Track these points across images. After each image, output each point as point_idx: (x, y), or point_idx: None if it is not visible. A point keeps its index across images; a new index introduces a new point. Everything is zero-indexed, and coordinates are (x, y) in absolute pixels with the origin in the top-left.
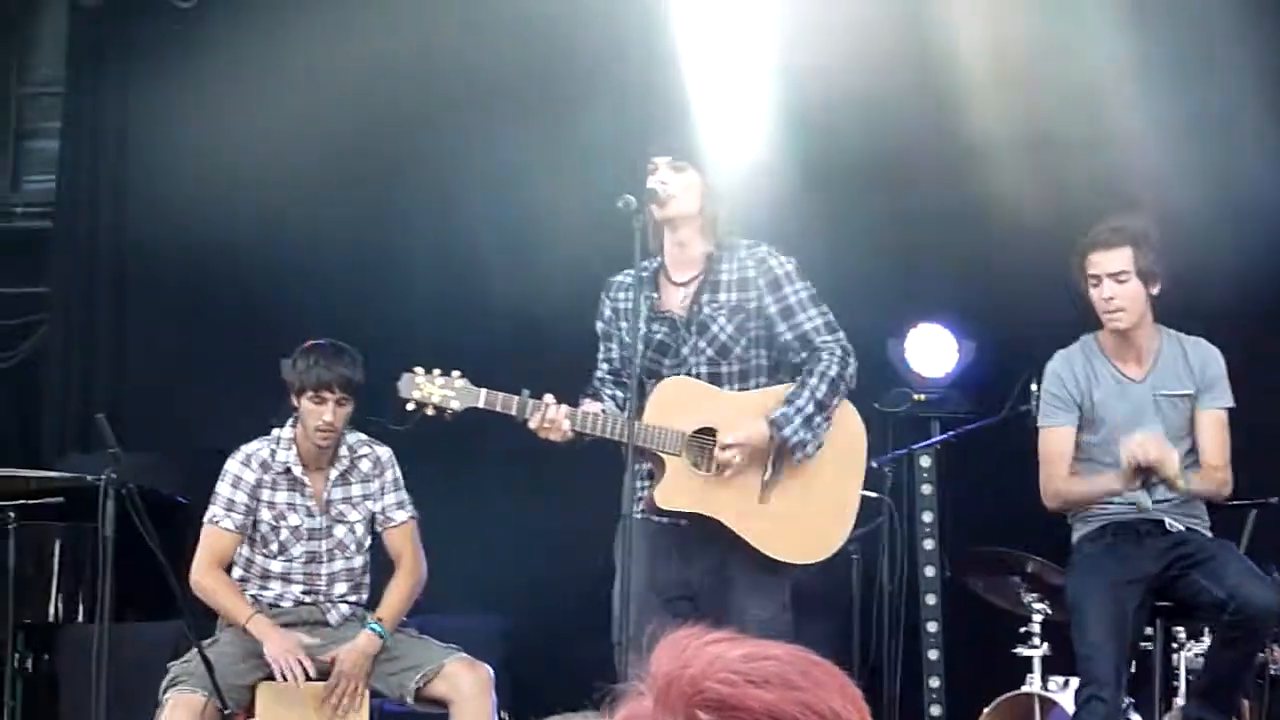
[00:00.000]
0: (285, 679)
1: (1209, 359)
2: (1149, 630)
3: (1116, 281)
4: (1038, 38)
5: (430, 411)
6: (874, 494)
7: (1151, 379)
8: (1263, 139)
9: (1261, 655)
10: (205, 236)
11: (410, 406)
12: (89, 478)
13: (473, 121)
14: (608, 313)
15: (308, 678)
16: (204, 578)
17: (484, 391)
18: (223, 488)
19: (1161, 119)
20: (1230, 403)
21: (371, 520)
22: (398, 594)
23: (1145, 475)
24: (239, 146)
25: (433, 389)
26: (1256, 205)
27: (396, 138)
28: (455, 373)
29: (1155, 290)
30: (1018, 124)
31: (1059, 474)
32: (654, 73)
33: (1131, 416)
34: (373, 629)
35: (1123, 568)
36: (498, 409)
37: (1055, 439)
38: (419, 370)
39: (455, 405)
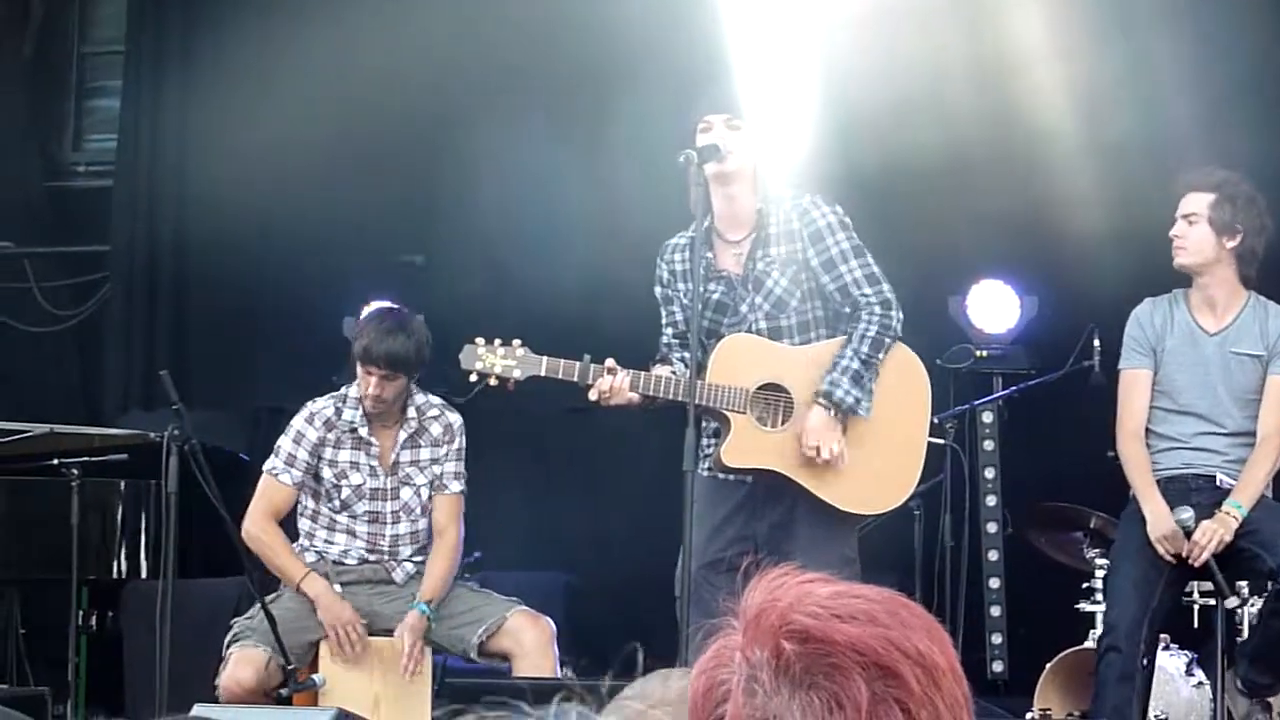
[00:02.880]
0: (341, 649)
1: None
2: (1233, 603)
3: (1187, 222)
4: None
5: (493, 382)
6: (940, 440)
7: (1225, 334)
8: None
9: None
10: (264, 197)
11: (473, 377)
12: (152, 434)
13: (493, 118)
14: (665, 276)
15: (363, 645)
16: (259, 530)
17: (545, 359)
18: (285, 441)
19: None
20: None
21: (432, 483)
22: (440, 570)
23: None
24: (295, 112)
25: (494, 359)
26: None
27: (439, 120)
28: (516, 341)
29: (1232, 244)
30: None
31: (1127, 422)
32: (697, 71)
33: (1199, 367)
34: (421, 610)
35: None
36: (559, 376)
37: (1128, 381)
38: (480, 341)
39: (518, 374)
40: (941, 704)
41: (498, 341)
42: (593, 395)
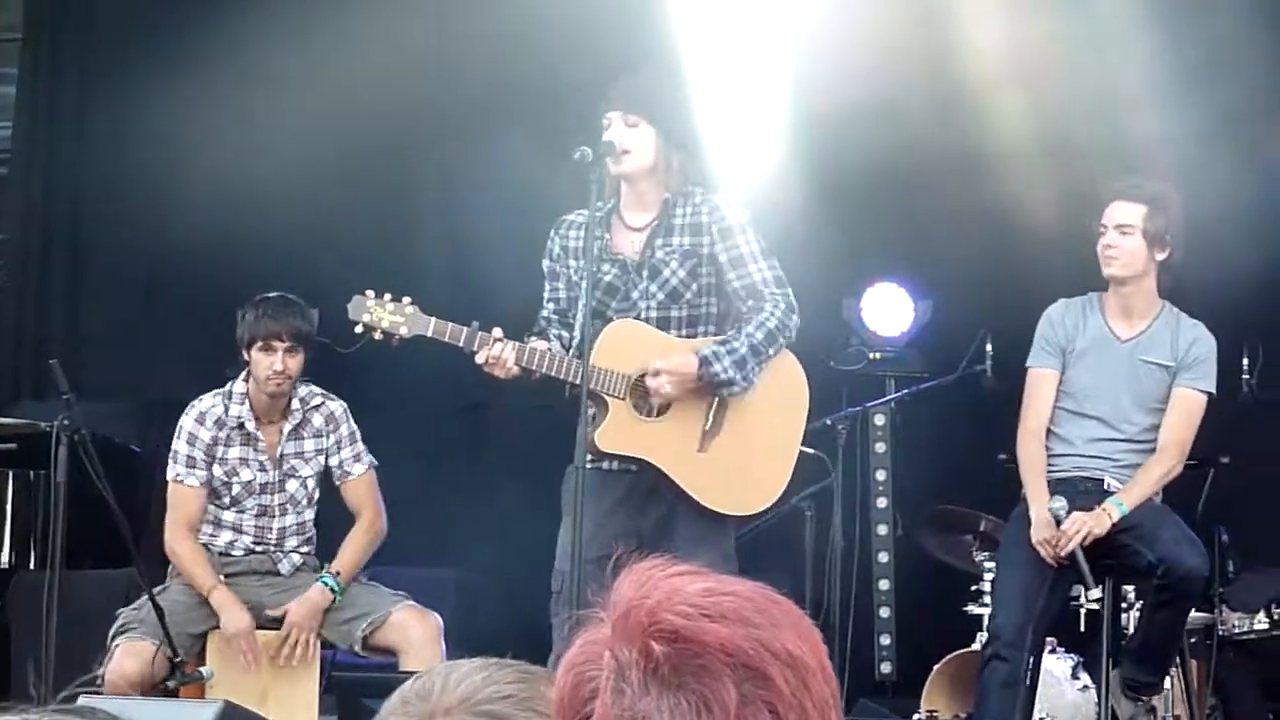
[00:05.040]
0: (240, 660)
1: (1199, 339)
2: (1096, 591)
3: (1120, 233)
4: (1053, 41)
5: (378, 335)
6: (812, 450)
7: (1137, 342)
8: None
9: (1209, 616)
10: (165, 184)
11: (359, 329)
12: (42, 424)
13: (475, 125)
14: (556, 250)
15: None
16: (179, 545)
17: (433, 320)
18: (180, 445)
19: (1178, 122)
20: (1209, 388)
21: (325, 474)
22: (356, 546)
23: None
24: (203, 98)
25: (382, 313)
26: (1275, 207)
27: (369, 141)
28: (406, 299)
29: (1161, 256)
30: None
31: (1029, 420)
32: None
33: (1106, 371)
34: (325, 582)
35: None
36: (445, 339)
37: (1034, 379)
38: (370, 293)
39: (403, 331)
40: (810, 704)
41: (388, 296)
42: (480, 359)
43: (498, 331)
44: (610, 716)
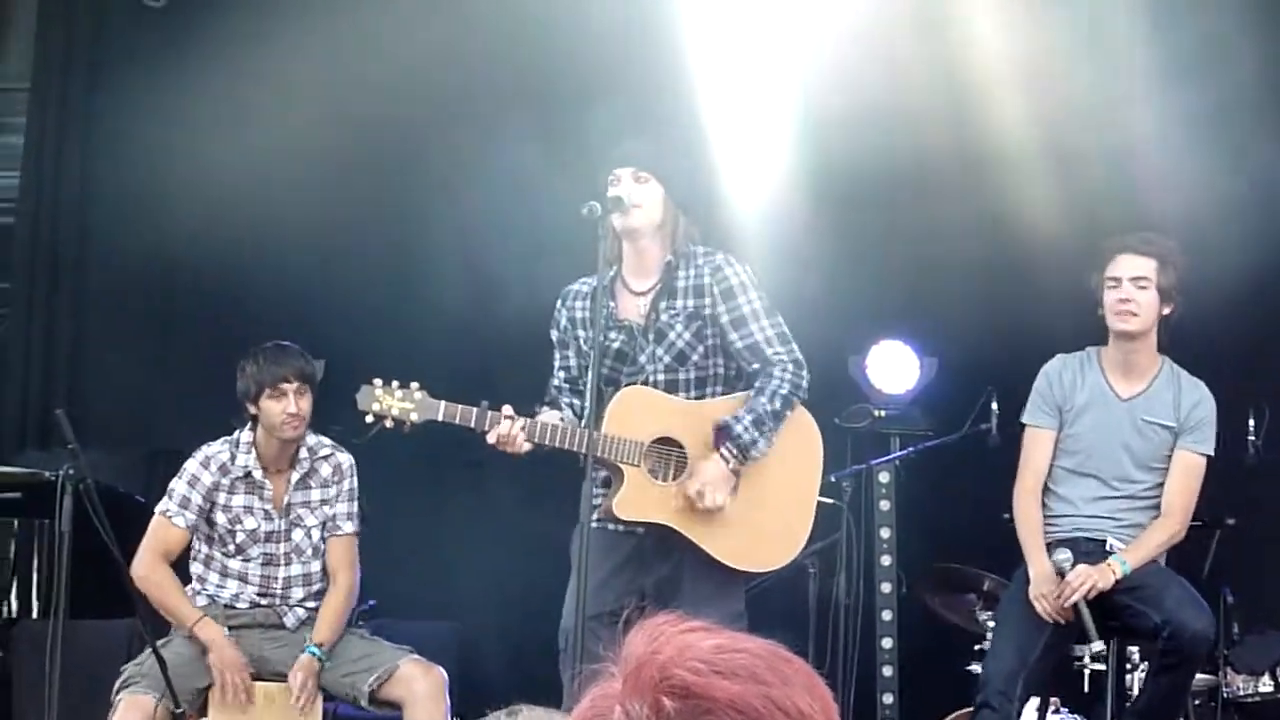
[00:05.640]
0: (225, 696)
1: (1201, 401)
2: (1098, 648)
3: (1136, 286)
4: (1054, 48)
5: (389, 424)
6: (830, 500)
7: (1137, 401)
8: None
9: (1214, 678)
10: (171, 236)
11: (369, 419)
12: (47, 473)
13: (475, 127)
14: (564, 321)
15: (249, 694)
16: (150, 571)
17: (443, 404)
18: (179, 484)
19: (1175, 124)
20: (1208, 450)
21: (324, 525)
22: (332, 612)
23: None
24: (206, 146)
25: (391, 401)
26: (1273, 204)
27: (367, 146)
28: (414, 384)
29: (1167, 311)
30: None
31: (1026, 478)
32: (665, 77)
33: (1106, 430)
34: (312, 652)
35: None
36: (456, 421)
37: (1030, 437)
38: (377, 382)
39: (414, 418)
40: None
41: (395, 383)
42: (491, 439)
43: (507, 409)
44: None
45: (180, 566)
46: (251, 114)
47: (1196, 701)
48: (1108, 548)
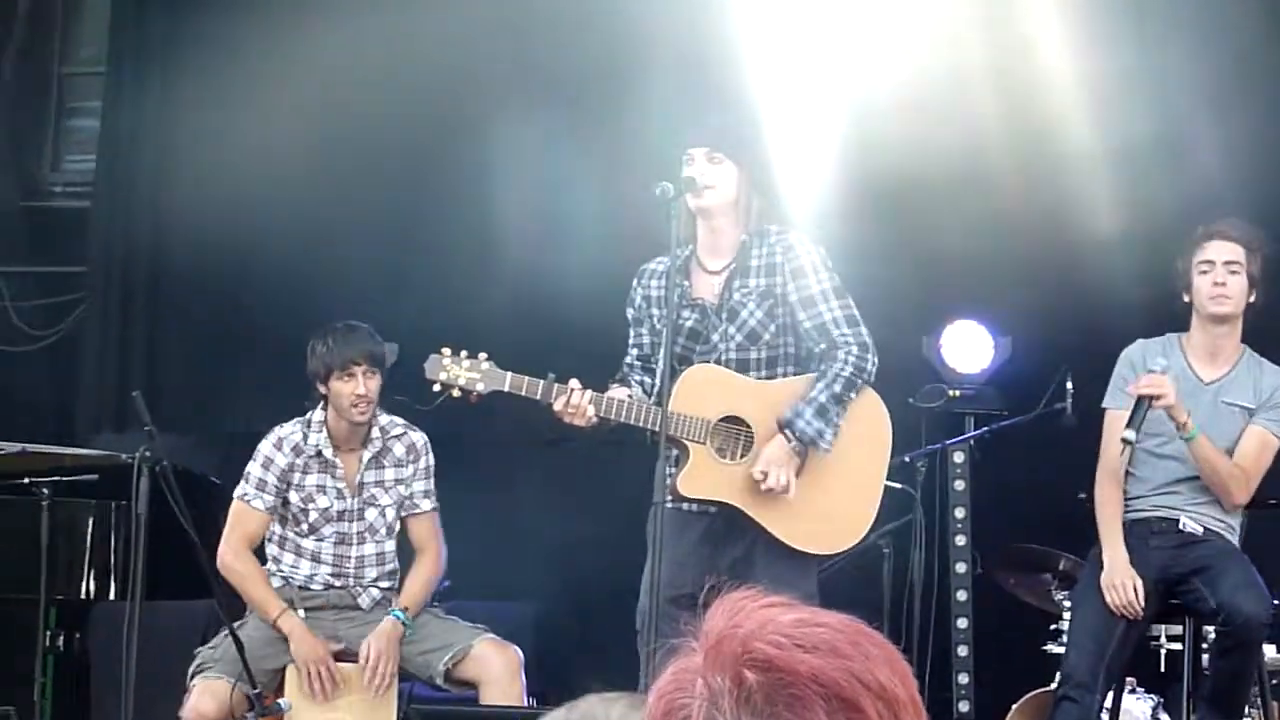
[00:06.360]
0: (312, 688)
1: (1276, 388)
2: (1178, 630)
3: (1229, 271)
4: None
5: (456, 393)
6: (898, 485)
7: (1220, 384)
8: None
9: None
10: (243, 219)
11: (436, 388)
12: (124, 456)
13: (508, 115)
14: (639, 300)
15: (334, 683)
16: (235, 561)
17: (509, 375)
18: (254, 467)
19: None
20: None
21: (400, 505)
22: (420, 582)
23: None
24: (278, 133)
25: (459, 370)
26: None
27: (431, 129)
28: (482, 355)
29: (1252, 298)
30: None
31: (1106, 462)
32: (700, 68)
33: (1192, 414)
34: (396, 616)
35: None
36: (523, 393)
37: (1111, 421)
38: (446, 351)
39: (480, 388)
40: None
41: (464, 353)
42: (557, 406)
43: (574, 382)
44: None
45: (257, 549)
46: (321, 101)
47: (1275, 681)
48: (1180, 527)
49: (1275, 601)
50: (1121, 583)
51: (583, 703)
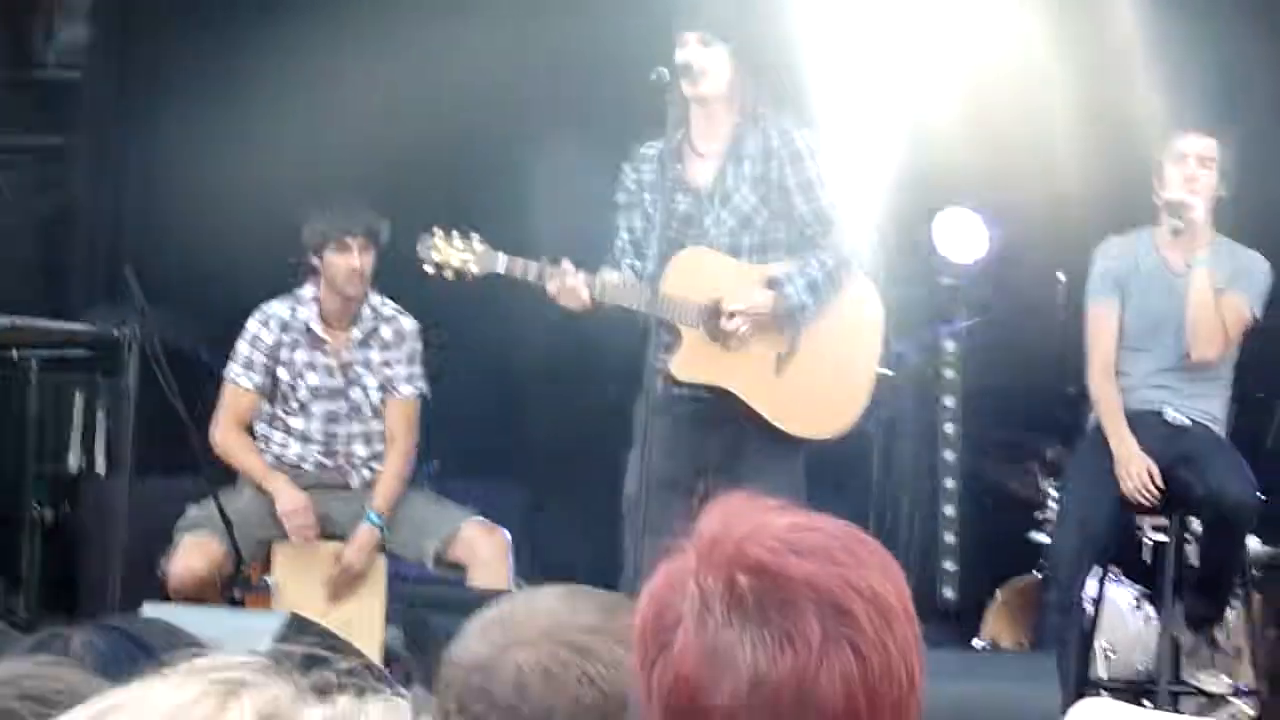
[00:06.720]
0: (294, 538)
1: (1254, 263)
2: (1159, 521)
3: (1202, 165)
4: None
5: (449, 275)
6: (889, 372)
7: (1194, 271)
8: None
9: (1273, 550)
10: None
11: (429, 269)
12: (114, 331)
13: (531, 135)
14: (631, 184)
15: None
16: (225, 438)
17: (503, 256)
18: (242, 345)
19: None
20: (1253, 306)
21: (383, 386)
22: (391, 477)
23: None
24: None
25: (452, 251)
26: None
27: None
28: (475, 235)
29: (1223, 191)
30: None
31: (1096, 359)
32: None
33: (1165, 304)
34: (371, 521)
35: (1110, 460)
36: (517, 274)
37: (1095, 317)
38: (438, 231)
39: (474, 269)
40: (893, 645)
41: (456, 233)
42: (551, 289)
43: (567, 263)
44: (692, 646)
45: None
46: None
47: (1257, 572)
48: (1165, 418)
49: (1260, 492)
50: (1137, 471)
51: (510, 602)
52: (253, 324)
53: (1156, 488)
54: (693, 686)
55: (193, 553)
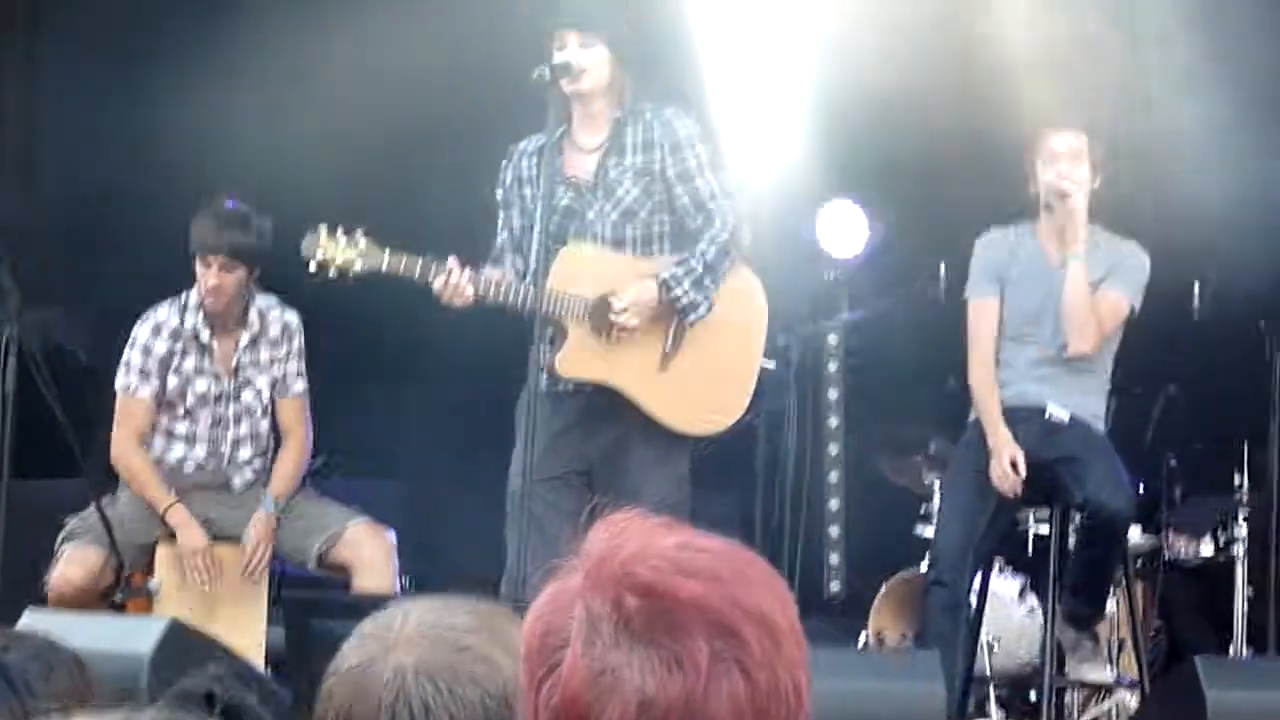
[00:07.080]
0: (195, 579)
1: (1129, 255)
2: (1042, 514)
3: (1074, 159)
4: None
5: (332, 274)
6: (771, 363)
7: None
8: None
9: (1156, 540)
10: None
11: (312, 268)
12: None
13: (485, 127)
14: (509, 179)
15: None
16: (129, 457)
17: (387, 254)
18: (134, 356)
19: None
20: (1130, 299)
21: (274, 385)
22: (288, 467)
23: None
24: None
25: (335, 250)
26: None
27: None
28: (359, 230)
29: (1097, 184)
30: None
31: (976, 351)
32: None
33: (1045, 297)
34: (269, 509)
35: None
36: (400, 272)
37: (975, 311)
38: (322, 228)
39: (359, 267)
40: (780, 665)
41: (340, 230)
42: (436, 287)
43: (453, 261)
44: (580, 667)
45: None
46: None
47: (1138, 564)
48: (1047, 415)
49: (1139, 484)
50: (1008, 458)
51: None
52: (142, 332)
53: (1030, 481)
54: (581, 707)
55: (72, 565)
